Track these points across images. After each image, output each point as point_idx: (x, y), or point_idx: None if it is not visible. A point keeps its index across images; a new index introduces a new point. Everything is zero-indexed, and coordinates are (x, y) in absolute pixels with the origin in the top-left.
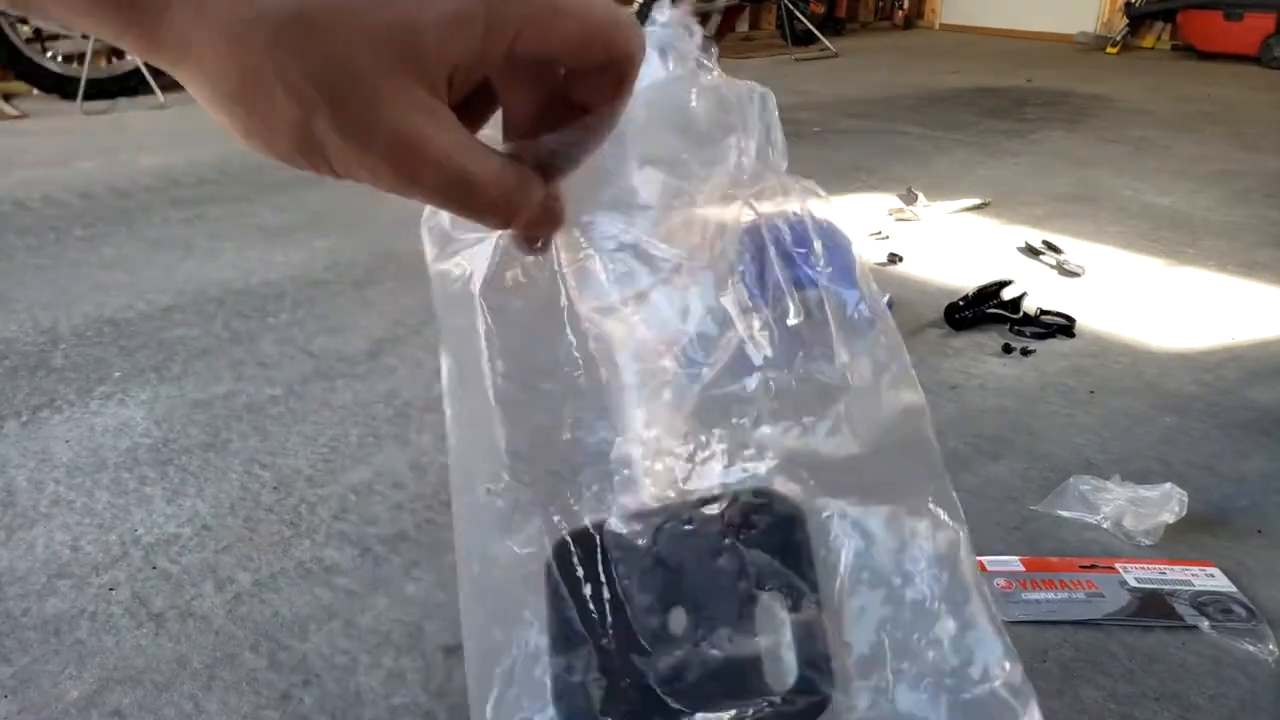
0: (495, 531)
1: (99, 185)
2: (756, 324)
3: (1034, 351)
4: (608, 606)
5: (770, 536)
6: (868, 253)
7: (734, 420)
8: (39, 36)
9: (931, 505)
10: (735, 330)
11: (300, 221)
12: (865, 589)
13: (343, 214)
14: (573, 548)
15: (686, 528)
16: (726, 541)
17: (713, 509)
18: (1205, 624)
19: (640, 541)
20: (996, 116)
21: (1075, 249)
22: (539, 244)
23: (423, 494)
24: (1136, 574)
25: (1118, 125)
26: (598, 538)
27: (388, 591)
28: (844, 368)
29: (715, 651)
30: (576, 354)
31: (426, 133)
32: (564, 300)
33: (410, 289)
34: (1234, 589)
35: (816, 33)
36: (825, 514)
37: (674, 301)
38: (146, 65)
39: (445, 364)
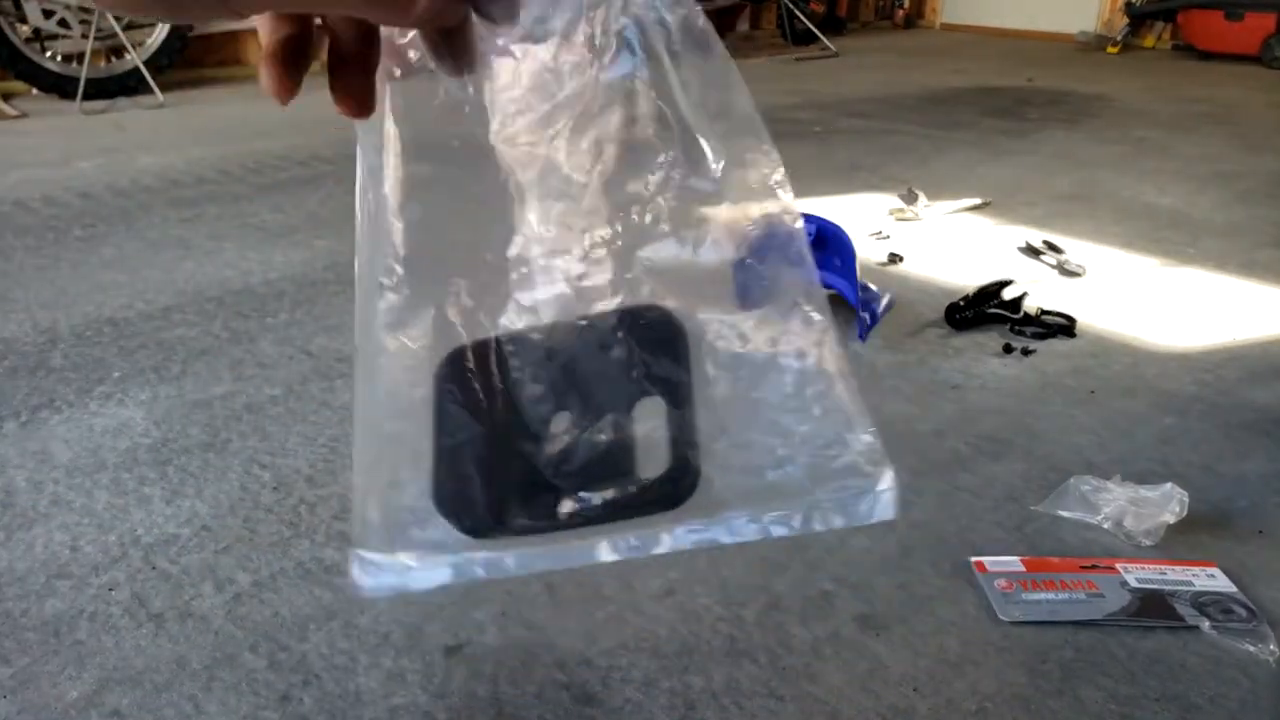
0: (388, 324)
1: (98, 185)
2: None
3: (1034, 351)
4: (498, 399)
5: (651, 337)
6: (869, 252)
7: (621, 226)
8: (38, 36)
9: (801, 302)
10: (624, 134)
11: (299, 221)
12: (741, 384)
13: (342, 214)
14: (467, 355)
15: (581, 322)
16: (618, 335)
17: (611, 301)
18: (1206, 624)
19: (535, 336)
20: (997, 116)
21: (1076, 249)
22: (457, 50)
23: None
24: (1137, 574)
25: (1118, 125)
26: (492, 342)
27: None
28: (718, 179)
29: (601, 436)
30: (479, 154)
31: None
32: (470, 99)
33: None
34: (1235, 589)
35: (817, 32)
36: (703, 319)
37: (570, 111)
38: (146, 65)
39: (359, 161)
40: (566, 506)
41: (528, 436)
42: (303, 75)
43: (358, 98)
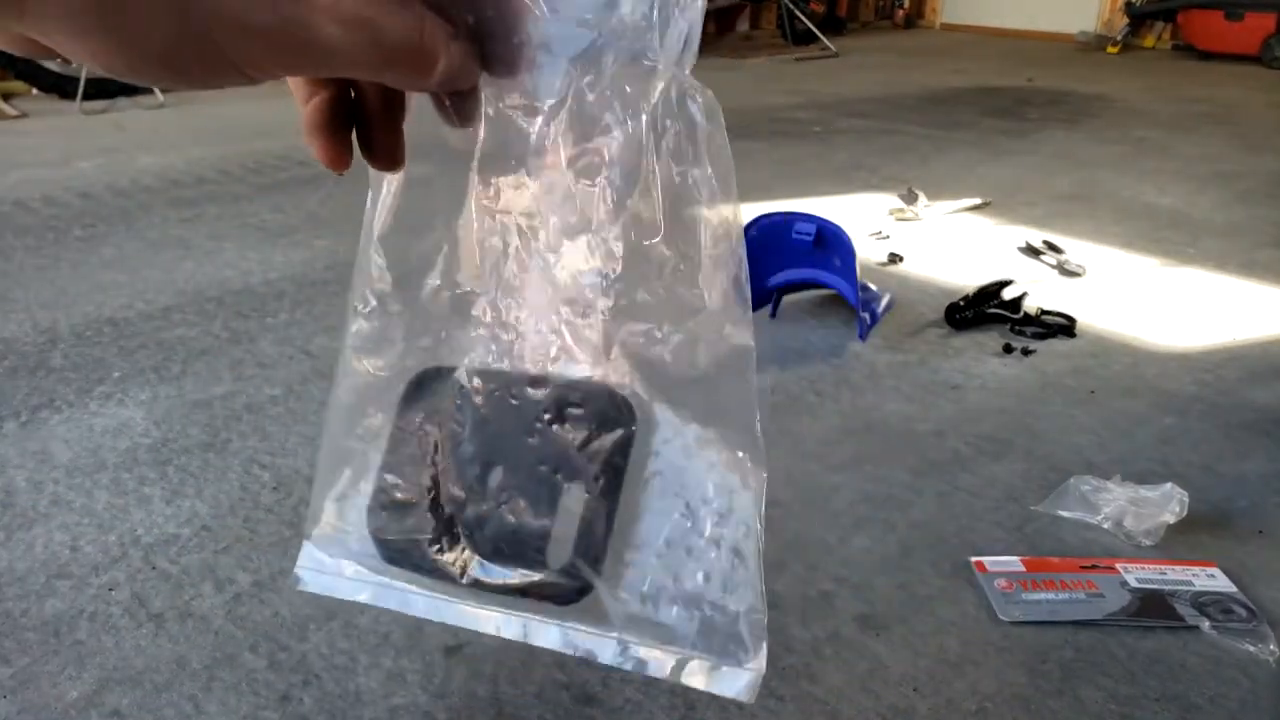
0: (355, 348)
1: (98, 185)
2: (616, 233)
3: (1034, 351)
4: (443, 443)
5: (588, 429)
6: (869, 252)
7: (590, 309)
8: None
9: (740, 444)
10: (613, 227)
11: (299, 221)
12: (668, 500)
13: (342, 214)
14: (431, 381)
15: (513, 401)
16: (539, 425)
17: (542, 391)
18: (1206, 624)
19: (477, 398)
20: (997, 116)
21: (1076, 249)
22: (464, 109)
23: None
24: (1137, 574)
25: (1118, 125)
26: (453, 379)
27: None
28: (703, 290)
29: (512, 518)
30: (466, 208)
31: None
32: (469, 150)
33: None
34: (1235, 589)
35: (817, 32)
36: (655, 421)
37: (559, 190)
38: None
39: (370, 182)
40: (471, 571)
41: (457, 489)
42: (350, 140)
43: (389, 154)
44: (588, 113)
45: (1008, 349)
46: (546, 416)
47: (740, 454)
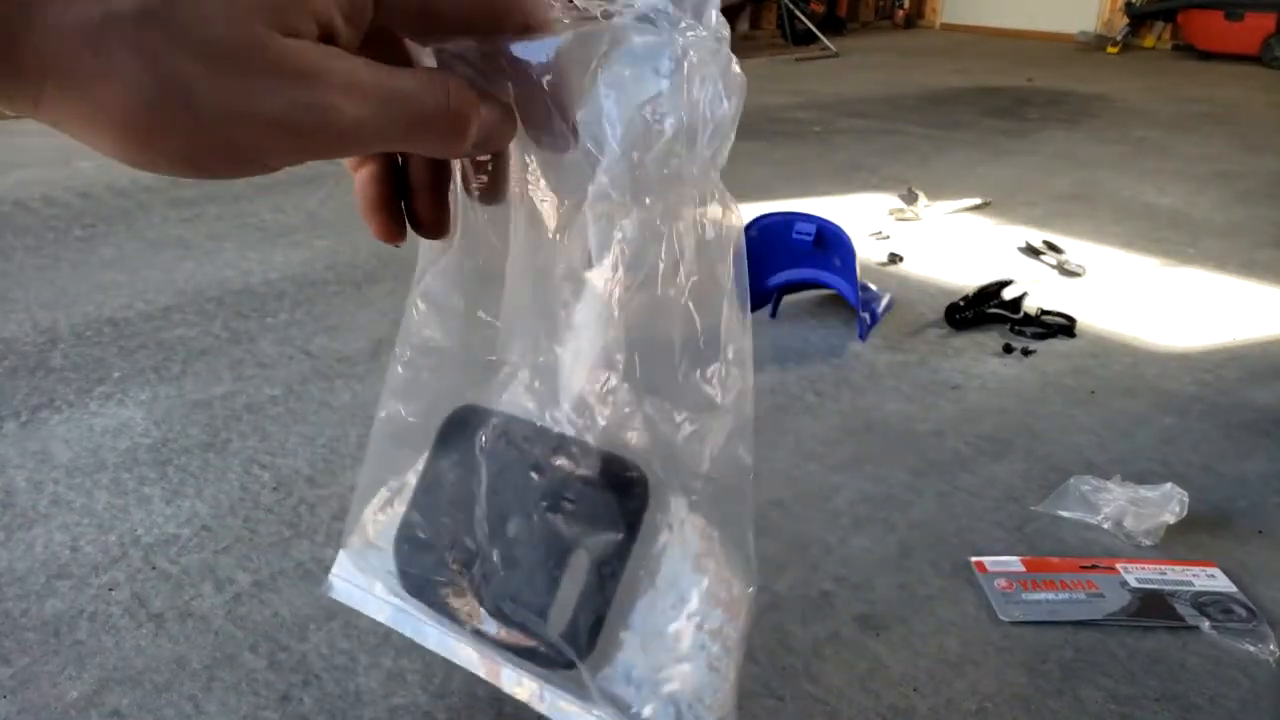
0: (392, 390)
1: (99, 185)
2: (623, 323)
3: (1034, 351)
4: (463, 494)
5: (599, 509)
6: (869, 252)
7: (615, 380)
8: None
9: (733, 559)
10: (622, 316)
11: (299, 221)
12: (661, 595)
13: (342, 214)
14: (465, 422)
15: (529, 470)
16: (550, 500)
17: (559, 461)
18: (1206, 624)
19: (495, 461)
20: (997, 116)
21: (1076, 249)
22: (494, 185)
23: None
24: (1137, 574)
25: (1118, 125)
26: (482, 431)
27: None
28: (718, 389)
29: (513, 584)
30: (505, 269)
31: (325, 64)
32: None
33: (410, 289)
34: (1235, 589)
35: (817, 32)
36: (666, 502)
37: (579, 271)
38: None
39: None
40: (475, 621)
41: (469, 542)
42: (403, 213)
43: (436, 224)
44: (613, 208)
45: (1008, 349)
46: (559, 491)
47: (731, 569)
